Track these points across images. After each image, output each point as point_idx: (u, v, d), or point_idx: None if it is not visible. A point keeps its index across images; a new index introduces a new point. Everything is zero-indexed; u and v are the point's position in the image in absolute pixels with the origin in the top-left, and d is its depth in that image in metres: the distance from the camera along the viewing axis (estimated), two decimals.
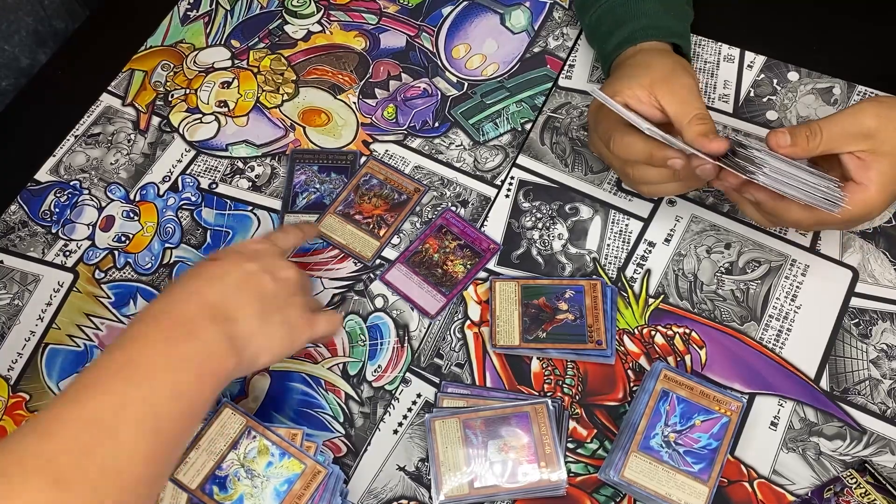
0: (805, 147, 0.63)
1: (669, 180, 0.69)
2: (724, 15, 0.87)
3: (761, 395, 0.68)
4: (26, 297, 0.77)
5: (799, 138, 0.63)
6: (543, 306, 0.72)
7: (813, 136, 0.63)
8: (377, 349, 0.73)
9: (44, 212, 0.82)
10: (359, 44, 0.91)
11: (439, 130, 0.84)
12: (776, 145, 0.63)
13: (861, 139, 0.63)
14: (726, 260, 0.74)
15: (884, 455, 0.66)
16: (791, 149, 0.63)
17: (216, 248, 0.79)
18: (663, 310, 0.72)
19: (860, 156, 0.64)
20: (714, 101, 0.82)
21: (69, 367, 0.74)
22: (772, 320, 0.71)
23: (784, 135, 0.63)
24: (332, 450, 0.69)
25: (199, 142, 0.86)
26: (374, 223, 0.78)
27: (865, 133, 0.63)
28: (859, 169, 0.64)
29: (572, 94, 0.85)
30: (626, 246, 0.76)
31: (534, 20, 0.90)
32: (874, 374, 0.69)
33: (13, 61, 0.95)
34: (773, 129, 0.64)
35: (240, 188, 0.82)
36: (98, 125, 0.87)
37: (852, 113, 0.64)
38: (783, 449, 0.66)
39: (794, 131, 0.63)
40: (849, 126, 0.63)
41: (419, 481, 0.67)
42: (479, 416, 0.67)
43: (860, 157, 0.64)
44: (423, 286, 0.75)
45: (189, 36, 0.93)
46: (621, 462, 0.64)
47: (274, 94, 0.88)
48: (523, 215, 0.78)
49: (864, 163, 0.64)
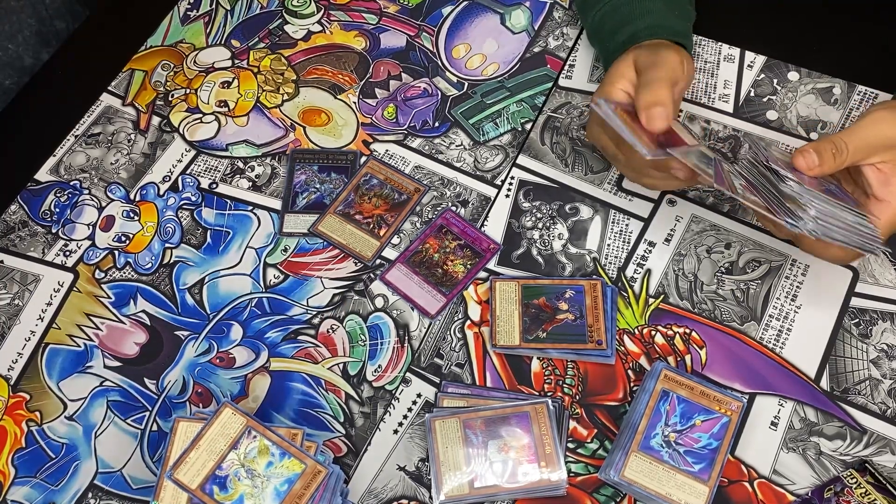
0: (832, 164, 0.62)
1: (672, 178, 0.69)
2: (725, 15, 0.87)
3: (761, 394, 0.68)
4: (26, 297, 0.77)
5: (825, 156, 0.62)
6: (543, 306, 0.72)
7: (839, 152, 0.62)
8: (377, 349, 0.73)
9: (44, 212, 0.82)
10: (359, 44, 0.91)
11: (439, 130, 0.84)
12: (805, 167, 0.62)
13: (883, 150, 0.63)
14: (726, 260, 0.74)
15: (884, 455, 0.66)
16: (819, 169, 0.61)
17: (216, 248, 0.79)
18: (663, 310, 0.72)
19: (881, 168, 0.63)
20: (714, 101, 0.82)
21: (69, 366, 0.74)
22: (772, 320, 0.71)
23: (811, 154, 0.61)
24: (332, 450, 0.69)
25: (200, 142, 0.86)
26: (375, 223, 0.78)
27: (887, 144, 0.62)
28: (881, 184, 0.63)
29: (572, 94, 0.85)
30: (627, 246, 0.76)
31: (534, 20, 0.90)
32: (874, 373, 0.69)
33: (16, 60, 0.95)
34: (799, 150, 0.62)
35: (240, 188, 0.82)
36: (98, 125, 0.87)
37: (872, 123, 0.63)
38: (783, 449, 0.66)
39: (819, 149, 0.62)
40: (871, 138, 0.62)
41: (419, 481, 0.67)
42: (479, 415, 0.67)
43: (881, 168, 0.63)
44: (423, 286, 0.75)
45: (189, 36, 0.93)
46: (621, 462, 0.64)
47: (274, 94, 0.88)
48: (523, 215, 0.78)
49: (886, 176, 0.63)
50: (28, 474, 0.69)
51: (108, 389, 0.72)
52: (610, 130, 0.70)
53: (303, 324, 0.74)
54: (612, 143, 0.71)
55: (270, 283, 0.76)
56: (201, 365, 0.73)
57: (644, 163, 0.68)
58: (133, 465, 0.69)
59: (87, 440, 0.70)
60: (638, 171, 0.70)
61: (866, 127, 0.63)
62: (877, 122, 0.63)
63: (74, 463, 0.69)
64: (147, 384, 0.73)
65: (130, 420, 0.71)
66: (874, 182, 0.63)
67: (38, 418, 0.71)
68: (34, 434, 0.71)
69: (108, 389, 0.72)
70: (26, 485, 0.69)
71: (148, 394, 0.72)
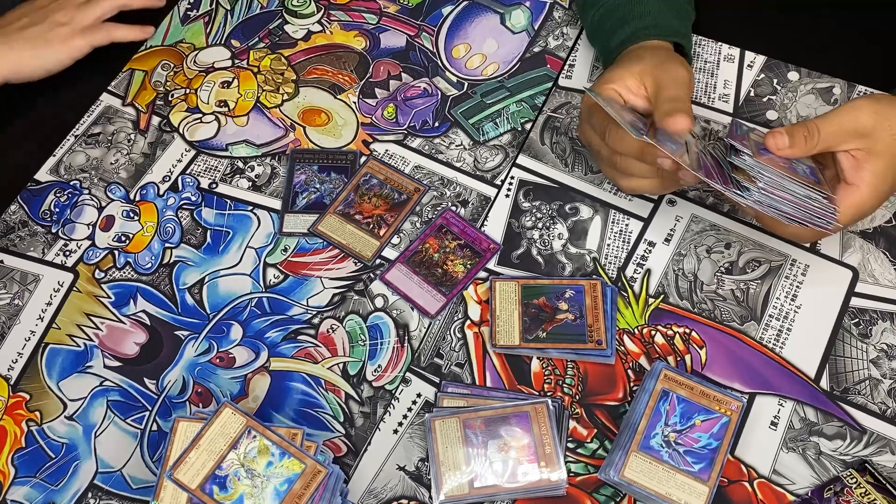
0: (803, 147, 0.64)
1: (652, 176, 0.70)
2: (725, 15, 0.87)
3: (761, 394, 0.68)
4: (26, 297, 0.77)
5: (797, 138, 0.63)
6: (543, 306, 0.72)
7: (811, 135, 0.63)
8: (377, 349, 0.73)
9: (44, 212, 0.82)
10: (359, 43, 0.91)
11: (439, 130, 0.84)
12: (775, 147, 0.64)
13: (857, 137, 0.64)
14: (726, 260, 0.74)
15: (884, 455, 0.66)
16: (790, 150, 0.63)
17: (216, 248, 0.79)
18: (663, 309, 0.72)
19: (855, 154, 0.64)
20: (714, 101, 0.82)
21: (69, 366, 0.74)
22: (772, 320, 0.71)
23: (782, 136, 0.64)
24: (332, 449, 0.69)
25: (199, 141, 0.86)
26: (374, 223, 0.78)
27: (861, 131, 0.64)
28: (853, 169, 0.65)
29: (572, 94, 0.85)
30: (626, 246, 0.76)
31: (534, 20, 0.90)
32: (874, 373, 0.69)
33: None
34: (771, 130, 0.65)
35: (240, 188, 0.82)
36: (98, 125, 0.87)
37: (849, 110, 0.64)
38: (783, 449, 0.66)
39: (792, 131, 0.64)
40: (846, 124, 0.64)
41: (419, 481, 0.67)
42: (479, 415, 0.67)
43: (855, 155, 0.64)
44: (423, 286, 0.75)
45: (189, 36, 0.93)
46: (621, 462, 0.64)
47: (274, 94, 0.88)
48: (523, 215, 0.78)
49: (858, 162, 0.64)
50: (28, 474, 0.69)
51: (107, 389, 0.72)
52: (595, 122, 0.71)
53: (303, 324, 0.74)
54: (597, 136, 0.71)
55: (270, 283, 0.76)
56: (201, 365, 0.73)
57: (630, 150, 0.68)
58: (133, 464, 0.69)
59: (87, 440, 0.70)
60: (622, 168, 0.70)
61: (842, 114, 0.64)
62: (854, 109, 0.64)
63: (74, 463, 0.69)
64: (147, 384, 0.73)
65: (130, 420, 0.71)
66: (846, 167, 0.65)
67: (38, 418, 0.71)
68: (34, 434, 0.71)
69: (108, 389, 0.72)
70: (26, 485, 0.69)
71: (148, 394, 0.72)
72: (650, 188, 0.72)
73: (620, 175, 0.71)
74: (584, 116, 0.74)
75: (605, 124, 0.69)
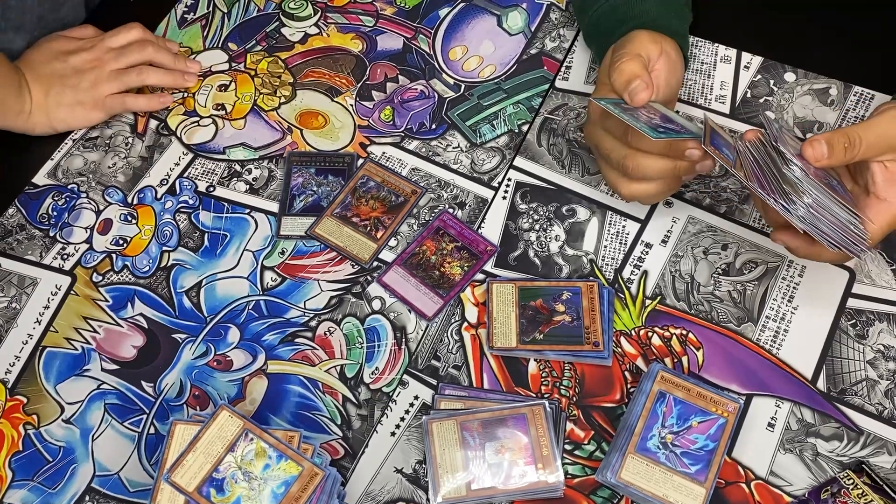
0: (842, 158, 0.61)
1: (663, 177, 0.69)
2: (721, 16, 0.87)
3: (758, 396, 0.68)
4: (24, 300, 0.77)
5: (836, 148, 0.60)
6: (540, 308, 0.72)
7: (852, 145, 0.60)
8: (374, 351, 0.73)
9: (41, 215, 0.82)
10: (356, 46, 0.91)
11: (436, 132, 0.84)
12: (813, 158, 0.60)
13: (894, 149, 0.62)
14: (723, 261, 0.74)
15: (881, 456, 0.66)
16: (827, 160, 0.60)
17: (214, 251, 0.79)
18: (660, 311, 0.72)
19: (889, 166, 0.62)
20: (711, 102, 0.82)
21: (66, 370, 0.74)
22: (769, 321, 0.71)
23: (820, 144, 0.60)
24: (329, 452, 0.69)
25: (197, 145, 0.86)
26: (372, 225, 0.79)
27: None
28: (886, 183, 0.62)
29: (569, 96, 0.85)
30: (623, 247, 0.76)
31: (530, 22, 0.90)
32: (871, 374, 0.69)
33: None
34: (809, 138, 0.61)
35: (237, 191, 0.82)
36: (96, 128, 0.87)
37: (889, 120, 0.62)
38: (780, 450, 0.66)
39: (831, 140, 0.60)
40: (887, 135, 0.62)
41: (417, 483, 0.67)
42: (476, 417, 0.67)
43: (889, 167, 0.62)
44: (420, 288, 0.75)
45: (186, 39, 0.93)
46: (618, 463, 0.64)
47: (271, 97, 0.88)
48: (520, 217, 0.78)
49: (893, 175, 0.62)
50: (25, 477, 0.69)
51: (105, 392, 0.72)
52: (611, 125, 0.70)
53: (300, 326, 0.74)
54: (609, 138, 0.70)
55: (268, 286, 0.77)
56: (198, 368, 0.73)
57: (654, 146, 0.67)
58: (130, 467, 0.69)
59: (85, 443, 0.70)
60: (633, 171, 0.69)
61: (883, 123, 0.62)
62: (894, 118, 0.62)
63: (72, 466, 0.70)
64: (144, 387, 0.73)
65: (128, 423, 0.71)
66: (879, 180, 0.62)
67: (36, 421, 0.71)
68: (31, 437, 0.71)
69: (106, 392, 0.72)
70: (23, 488, 0.69)
71: (145, 397, 0.72)
72: (653, 192, 0.71)
73: (623, 180, 0.70)
74: (596, 119, 0.72)
75: (624, 125, 0.68)
